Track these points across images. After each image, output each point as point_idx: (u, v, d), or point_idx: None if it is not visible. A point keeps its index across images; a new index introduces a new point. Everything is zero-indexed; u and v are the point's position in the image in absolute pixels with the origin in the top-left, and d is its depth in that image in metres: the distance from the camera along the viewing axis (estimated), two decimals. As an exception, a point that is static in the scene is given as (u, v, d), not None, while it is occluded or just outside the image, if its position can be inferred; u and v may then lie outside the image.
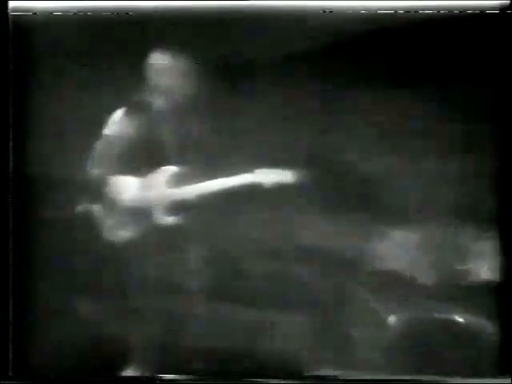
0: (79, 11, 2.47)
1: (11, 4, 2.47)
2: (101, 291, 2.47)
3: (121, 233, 2.56)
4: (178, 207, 2.56)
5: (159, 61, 2.53)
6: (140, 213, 2.56)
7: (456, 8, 2.43)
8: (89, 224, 2.52)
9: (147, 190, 2.58)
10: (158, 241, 2.52)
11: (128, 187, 2.58)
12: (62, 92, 2.48)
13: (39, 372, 2.45)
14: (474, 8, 2.42)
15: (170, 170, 2.57)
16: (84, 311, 2.47)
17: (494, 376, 2.40)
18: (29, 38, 2.48)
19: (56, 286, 2.46)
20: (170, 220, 2.57)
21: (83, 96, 2.46)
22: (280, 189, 2.50)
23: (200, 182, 2.55)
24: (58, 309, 2.46)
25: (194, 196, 2.57)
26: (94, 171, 2.52)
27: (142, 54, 2.48)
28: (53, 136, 2.48)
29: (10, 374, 2.43)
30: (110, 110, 2.51)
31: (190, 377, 2.44)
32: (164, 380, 2.43)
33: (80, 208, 2.51)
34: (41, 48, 2.49)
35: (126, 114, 2.56)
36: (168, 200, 2.58)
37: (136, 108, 2.56)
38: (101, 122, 2.50)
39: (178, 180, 2.55)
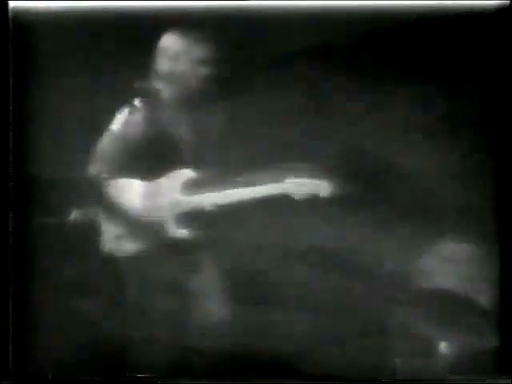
0: (79, 11, 2.47)
1: (11, 4, 2.47)
2: (101, 292, 2.47)
3: (125, 244, 2.48)
4: (192, 218, 2.43)
5: (171, 45, 2.45)
6: (147, 223, 2.47)
7: (456, 8, 2.43)
8: (89, 232, 2.49)
9: (157, 197, 2.45)
10: (167, 256, 2.45)
11: (135, 193, 2.46)
12: (63, 92, 2.48)
13: (39, 372, 2.45)
14: (473, 8, 2.43)
15: (185, 174, 2.42)
16: (84, 312, 2.47)
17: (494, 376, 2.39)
18: (29, 38, 2.48)
19: (56, 287, 2.46)
20: (181, 233, 2.45)
21: (84, 96, 2.46)
22: (312, 201, 2.36)
23: (219, 189, 2.40)
24: (58, 309, 2.46)
25: (212, 206, 2.39)
26: (97, 174, 2.49)
27: (145, 51, 2.47)
28: (54, 136, 2.47)
29: (10, 373, 2.43)
30: (112, 110, 2.49)
31: (190, 378, 2.44)
32: (164, 381, 2.43)
33: (80, 214, 2.49)
34: (41, 48, 2.49)
35: (134, 109, 2.48)
36: (181, 209, 2.43)
37: (144, 103, 2.49)
38: (103, 123, 2.49)
39: (194, 186, 2.42)
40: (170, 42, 2.46)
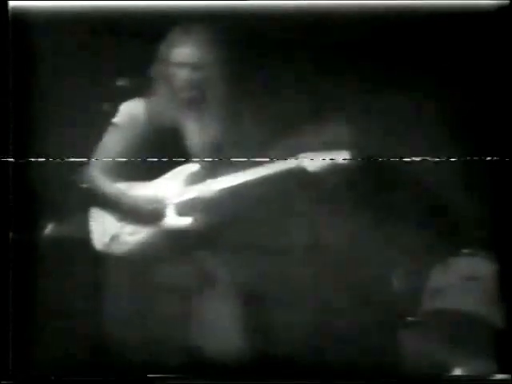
0: (79, 10, 2.48)
1: (11, 4, 2.47)
2: (100, 292, 2.47)
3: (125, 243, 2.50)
4: (194, 206, 2.44)
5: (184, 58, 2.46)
6: (149, 213, 2.49)
7: (456, 8, 2.44)
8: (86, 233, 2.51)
9: (160, 187, 2.47)
10: (168, 246, 2.46)
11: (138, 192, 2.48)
12: (63, 92, 2.48)
13: (39, 372, 2.45)
14: (473, 8, 2.44)
15: (189, 167, 2.44)
16: (84, 312, 2.47)
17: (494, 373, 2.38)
18: (29, 37, 2.48)
19: (56, 286, 2.46)
20: (184, 221, 2.45)
21: (84, 95, 2.46)
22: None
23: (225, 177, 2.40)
24: (58, 309, 2.46)
25: (216, 192, 2.40)
26: (100, 170, 2.50)
27: (147, 50, 2.48)
28: (54, 136, 2.48)
29: (10, 373, 2.43)
30: (113, 110, 2.50)
31: (190, 378, 2.44)
32: (164, 381, 2.43)
33: (78, 216, 2.50)
34: (41, 48, 2.49)
35: (140, 101, 2.50)
36: (184, 197, 2.45)
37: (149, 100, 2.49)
38: (102, 122, 2.49)
39: (199, 177, 2.43)
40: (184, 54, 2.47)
